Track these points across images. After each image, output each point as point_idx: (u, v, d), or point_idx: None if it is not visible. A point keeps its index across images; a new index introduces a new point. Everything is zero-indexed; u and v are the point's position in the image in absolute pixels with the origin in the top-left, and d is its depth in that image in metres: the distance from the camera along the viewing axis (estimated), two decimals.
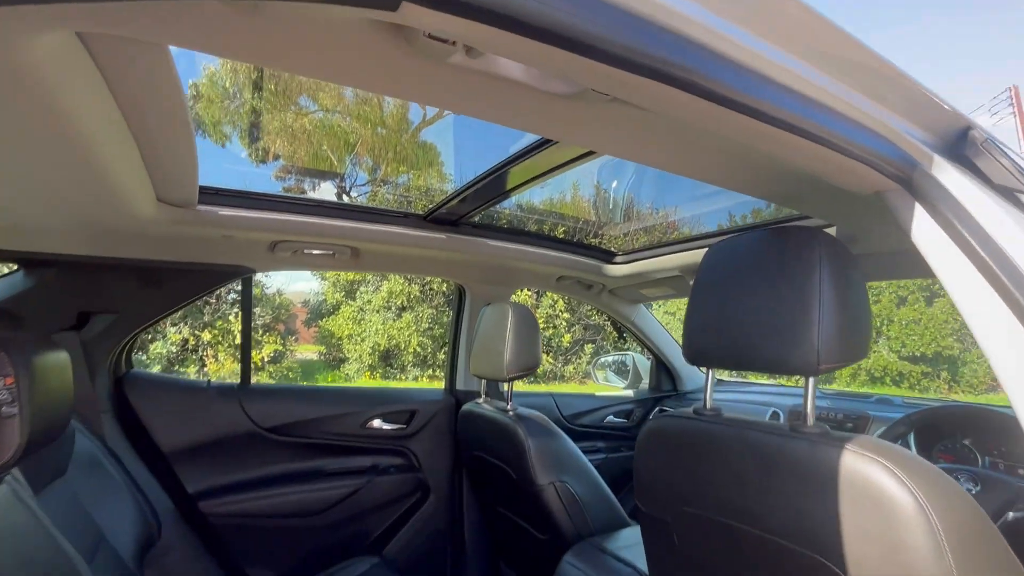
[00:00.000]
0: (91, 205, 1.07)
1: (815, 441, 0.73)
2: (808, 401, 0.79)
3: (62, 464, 1.08)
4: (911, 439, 1.56)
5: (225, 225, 1.36)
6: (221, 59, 7.44)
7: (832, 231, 1.27)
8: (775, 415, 2.03)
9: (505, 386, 1.64)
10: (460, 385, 2.11)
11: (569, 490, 1.48)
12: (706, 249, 1.77)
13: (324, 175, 8.85)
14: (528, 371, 1.56)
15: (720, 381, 2.71)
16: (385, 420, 1.94)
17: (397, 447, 1.97)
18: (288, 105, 8.17)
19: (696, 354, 0.94)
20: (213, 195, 1.31)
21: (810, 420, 0.79)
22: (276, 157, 8.60)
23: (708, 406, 0.96)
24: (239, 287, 1.81)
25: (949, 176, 0.68)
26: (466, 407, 1.81)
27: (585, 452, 2.31)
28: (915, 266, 1.23)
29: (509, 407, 1.60)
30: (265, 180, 8.87)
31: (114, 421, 1.49)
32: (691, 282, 1.96)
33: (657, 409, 2.56)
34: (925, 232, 0.68)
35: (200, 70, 7.91)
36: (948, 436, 1.53)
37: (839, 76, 0.61)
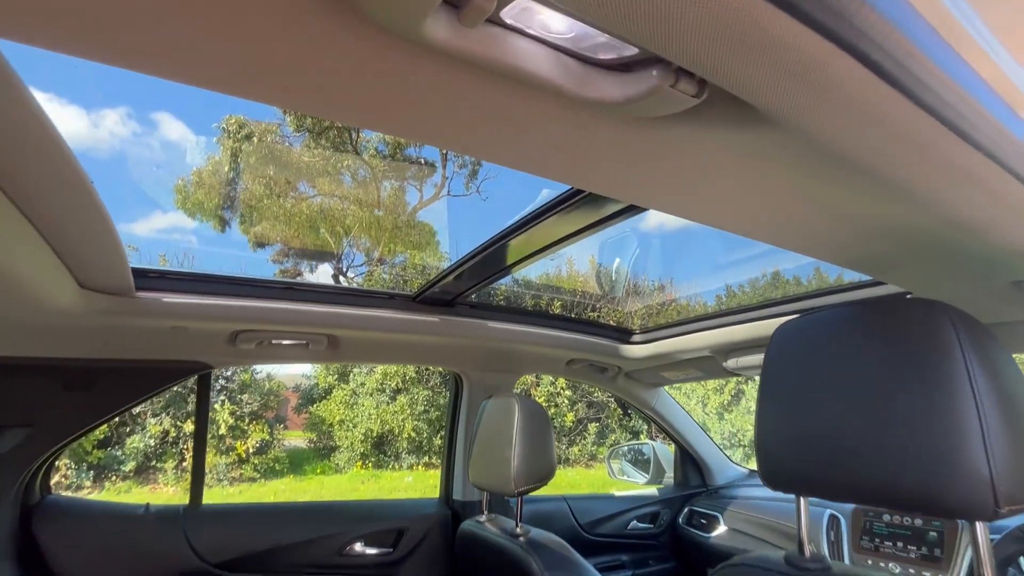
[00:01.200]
0: None
1: None
2: (985, 559, 0.53)
3: None
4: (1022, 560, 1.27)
5: (173, 314, 1.14)
6: (222, 145, 7.68)
7: None
8: (834, 521, 1.69)
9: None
10: (457, 494, 1.78)
11: None
12: (738, 326, 1.54)
13: (320, 256, 8.85)
14: (541, 482, 1.26)
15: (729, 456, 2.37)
16: (367, 543, 1.60)
17: None
18: (287, 192, 8.32)
19: (779, 476, 0.69)
20: (157, 279, 1.10)
21: None
22: (272, 244, 8.65)
23: (807, 552, 0.69)
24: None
25: None
26: (465, 526, 1.48)
27: (608, 570, 1.92)
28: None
29: (519, 529, 1.29)
30: (261, 264, 8.87)
31: (13, 568, 1.16)
32: (724, 364, 1.73)
33: (687, 510, 2.21)
34: None
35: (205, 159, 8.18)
36: None
37: None
